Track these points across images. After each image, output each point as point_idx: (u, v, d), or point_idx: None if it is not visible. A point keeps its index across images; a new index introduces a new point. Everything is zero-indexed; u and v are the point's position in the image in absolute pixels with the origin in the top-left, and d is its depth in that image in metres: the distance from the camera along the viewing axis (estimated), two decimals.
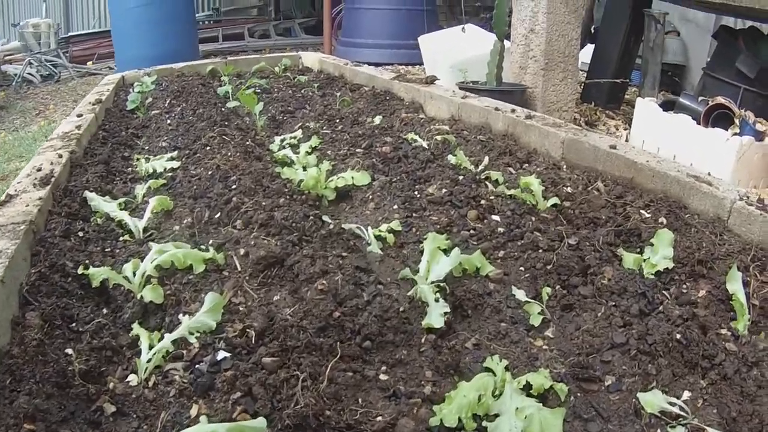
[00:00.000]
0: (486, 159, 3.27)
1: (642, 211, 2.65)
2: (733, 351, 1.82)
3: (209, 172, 2.92)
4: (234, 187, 2.71)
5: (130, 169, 3.47)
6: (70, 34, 13.02)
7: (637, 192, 2.85)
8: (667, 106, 5.52)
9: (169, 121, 4.40)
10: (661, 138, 5.30)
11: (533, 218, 2.51)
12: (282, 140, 3.81)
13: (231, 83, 6.13)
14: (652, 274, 2.22)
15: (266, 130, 4.27)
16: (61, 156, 3.12)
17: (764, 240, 2.37)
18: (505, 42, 5.61)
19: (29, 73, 11.87)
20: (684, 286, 2.17)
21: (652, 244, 2.32)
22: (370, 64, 10.12)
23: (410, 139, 3.64)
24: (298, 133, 3.88)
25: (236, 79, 6.52)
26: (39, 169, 2.93)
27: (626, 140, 6.05)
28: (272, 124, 4.38)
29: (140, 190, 3.03)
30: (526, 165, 3.30)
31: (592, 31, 9.18)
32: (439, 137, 3.59)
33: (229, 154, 3.13)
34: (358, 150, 3.41)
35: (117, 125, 4.44)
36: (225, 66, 6.83)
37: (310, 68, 6.87)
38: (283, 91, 5.53)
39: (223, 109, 4.66)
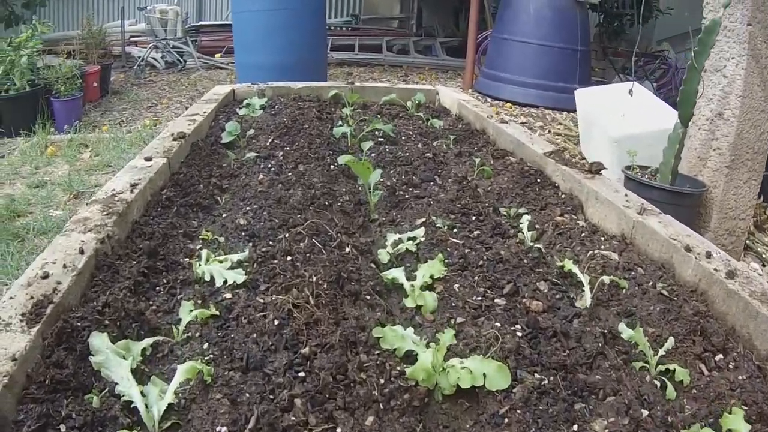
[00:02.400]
0: (670, 340, 2.16)
1: None
2: None
3: (276, 321, 1.92)
4: (302, 373, 1.70)
5: (187, 260, 2.54)
6: (200, 23, 12.50)
7: None
8: None
9: (261, 176, 3.47)
10: None
11: None
12: (397, 242, 2.79)
13: (352, 118, 5.19)
14: None
15: (380, 211, 3.28)
16: (82, 251, 2.19)
17: None
18: None
19: (153, 58, 11.39)
20: None
21: None
22: (513, 103, 9.06)
23: (566, 269, 2.58)
24: (420, 233, 2.85)
25: (360, 111, 5.58)
26: (45, 276, 2.01)
27: None
28: (390, 201, 3.37)
29: (184, 314, 2.08)
30: (721, 358, 2.15)
31: None
32: (606, 279, 2.50)
33: (314, 279, 2.13)
34: (498, 300, 2.33)
35: (198, 171, 3.54)
36: (350, 93, 5.91)
37: (448, 110, 5.84)
38: (412, 143, 4.52)
39: (332, 167, 3.70)
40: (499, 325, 2.17)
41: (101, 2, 14.04)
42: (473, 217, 3.13)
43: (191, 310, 2.09)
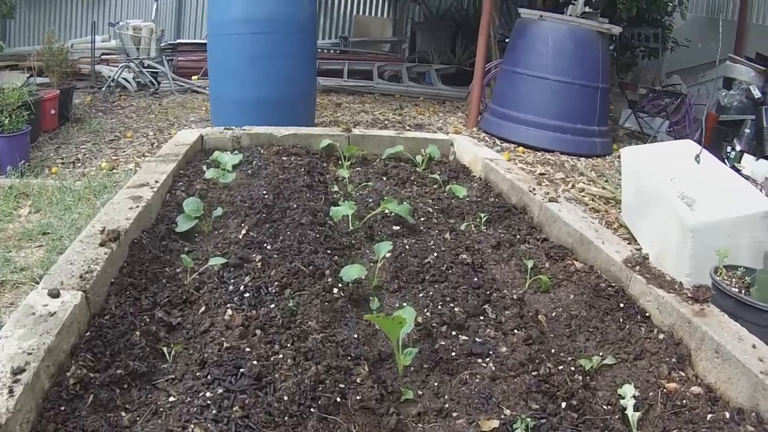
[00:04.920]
0: None
1: None
2: None
3: None
4: None
5: None
6: (178, 41, 11.34)
7: None
8: None
9: (230, 312, 2.31)
10: None
11: None
12: None
13: (352, 183, 4.08)
14: None
15: (414, 379, 2.14)
16: None
17: None
18: None
19: (124, 78, 10.21)
20: None
21: None
22: (526, 147, 7.92)
23: None
24: None
25: (360, 171, 4.46)
26: None
27: None
28: (427, 357, 2.23)
29: None
30: None
31: None
32: None
33: None
34: None
35: (134, 300, 2.38)
36: (347, 144, 4.80)
37: (468, 169, 4.73)
38: (435, 231, 3.38)
39: (335, 290, 2.56)
40: None
41: (74, 16, 12.81)
42: (562, 402, 2.00)
43: None
